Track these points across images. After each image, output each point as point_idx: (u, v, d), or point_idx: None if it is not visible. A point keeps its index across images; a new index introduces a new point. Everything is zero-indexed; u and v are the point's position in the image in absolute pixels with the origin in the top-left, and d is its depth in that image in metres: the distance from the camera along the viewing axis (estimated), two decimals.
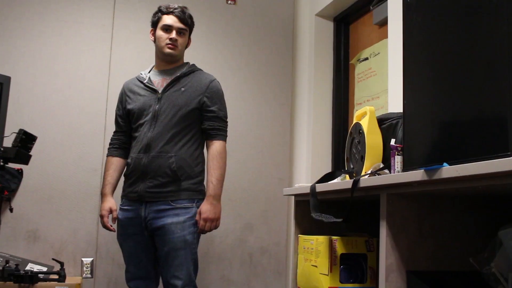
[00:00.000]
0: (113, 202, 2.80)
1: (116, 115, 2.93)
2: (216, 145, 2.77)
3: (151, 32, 2.87)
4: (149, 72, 2.88)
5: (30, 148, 2.72)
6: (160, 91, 2.77)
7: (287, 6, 4.09)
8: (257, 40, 3.98)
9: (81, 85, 3.56)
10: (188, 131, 2.75)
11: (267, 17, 4.02)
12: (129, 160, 2.79)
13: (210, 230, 2.70)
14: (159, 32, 2.80)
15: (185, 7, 2.86)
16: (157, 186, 2.68)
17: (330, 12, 3.90)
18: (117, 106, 2.94)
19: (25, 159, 2.71)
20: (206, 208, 2.67)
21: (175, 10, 2.80)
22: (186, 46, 2.91)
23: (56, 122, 3.48)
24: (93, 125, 3.53)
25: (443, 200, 1.76)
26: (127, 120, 2.86)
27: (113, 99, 3.31)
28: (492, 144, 1.32)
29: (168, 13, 2.80)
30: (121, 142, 2.89)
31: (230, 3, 3.95)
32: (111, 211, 2.78)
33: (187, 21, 2.82)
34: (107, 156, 2.91)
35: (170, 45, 2.77)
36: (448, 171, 1.35)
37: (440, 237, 1.74)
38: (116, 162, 2.87)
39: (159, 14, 2.83)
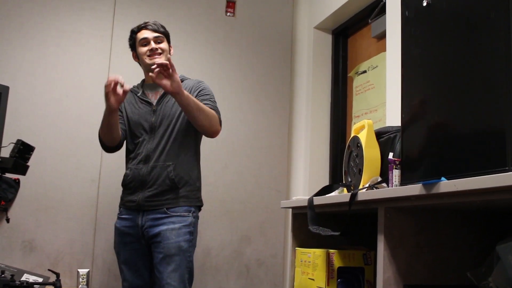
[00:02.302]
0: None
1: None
2: (213, 112, 2.77)
3: (133, 55, 2.98)
4: (142, 87, 2.95)
5: (28, 159, 2.72)
6: (154, 104, 2.84)
7: (285, 19, 4.10)
8: (256, 52, 3.99)
9: (79, 95, 3.56)
10: (184, 139, 2.80)
11: (265, 29, 4.03)
12: (127, 171, 2.82)
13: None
14: (139, 50, 2.88)
15: (155, 20, 2.94)
16: (155, 195, 2.72)
17: (328, 25, 3.91)
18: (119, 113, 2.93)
19: (23, 170, 2.71)
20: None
21: (146, 24, 2.89)
22: (170, 53, 2.95)
23: (54, 132, 3.47)
24: (91, 136, 3.51)
25: (441, 214, 1.75)
26: (125, 123, 2.89)
27: None
28: (490, 159, 1.32)
29: (139, 30, 2.89)
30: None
31: (229, 15, 3.96)
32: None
33: (159, 29, 2.88)
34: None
35: (151, 56, 2.83)
36: (446, 185, 1.36)
37: (438, 251, 1.74)
38: None
39: (133, 35, 2.92)
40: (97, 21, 3.66)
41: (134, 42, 2.92)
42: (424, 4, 1.64)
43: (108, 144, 2.84)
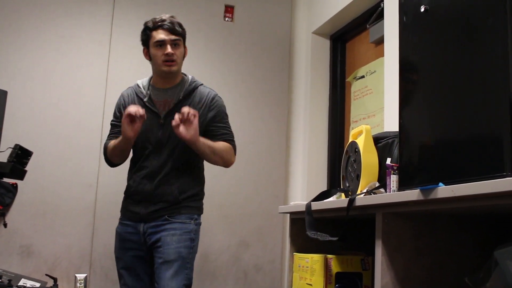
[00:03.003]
0: None
1: (112, 124, 2.82)
2: (225, 143, 2.73)
3: (144, 51, 2.76)
4: (148, 89, 2.76)
5: (26, 164, 2.72)
6: (162, 116, 2.67)
7: (284, 24, 4.11)
8: (254, 57, 3.99)
9: (77, 100, 3.56)
10: (190, 157, 2.70)
11: (264, 34, 4.04)
12: (131, 182, 2.74)
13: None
14: (153, 50, 2.67)
15: (172, 16, 2.72)
16: (158, 210, 2.67)
17: (326, 30, 3.92)
18: (115, 117, 2.82)
19: (20, 175, 2.71)
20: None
21: (163, 23, 2.64)
22: (184, 56, 2.77)
23: (52, 137, 3.47)
24: (89, 141, 3.52)
25: (439, 219, 1.75)
26: None
27: (110, 114, 3.30)
28: (488, 164, 1.32)
29: (156, 28, 2.65)
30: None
31: (227, 20, 3.97)
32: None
33: (178, 31, 2.66)
34: (108, 144, 2.75)
35: (167, 63, 2.64)
36: (443, 191, 1.36)
37: (436, 256, 1.74)
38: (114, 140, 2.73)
39: (147, 31, 2.69)
40: (95, 26, 3.67)
41: (147, 39, 2.70)
42: (422, 10, 1.64)
43: (116, 163, 2.79)
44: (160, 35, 2.64)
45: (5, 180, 2.85)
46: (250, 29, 4.01)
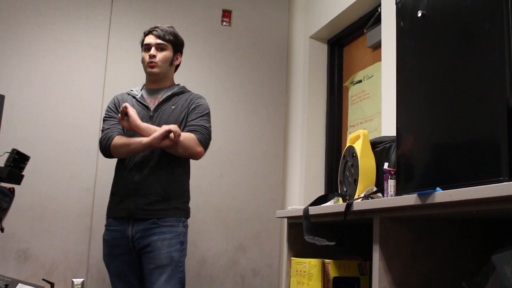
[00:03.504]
0: None
1: (107, 116, 2.87)
2: (190, 134, 2.74)
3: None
4: (141, 90, 2.92)
5: (23, 168, 2.71)
6: (152, 109, 2.80)
7: (281, 28, 4.11)
8: (252, 61, 4.00)
9: (75, 104, 3.56)
10: None
11: (261, 39, 4.04)
12: (118, 178, 2.80)
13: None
14: (142, 54, 2.88)
15: (170, 26, 2.92)
16: (148, 204, 2.69)
17: (324, 35, 3.92)
18: (108, 112, 2.88)
19: (18, 179, 2.70)
20: None
21: (155, 29, 2.86)
22: (177, 64, 2.96)
23: (49, 141, 3.47)
24: (86, 145, 3.52)
25: (436, 224, 1.76)
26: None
27: None
28: (485, 169, 1.32)
29: (148, 33, 2.88)
30: (117, 129, 2.79)
31: (225, 25, 3.98)
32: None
33: (165, 37, 2.85)
34: (112, 139, 2.74)
35: (150, 64, 2.83)
36: (441, 195, 1.36)
37: (433, 261, 1.74)
38: (123, 136, 2.77)
39: (143, 36, 2.92)
40: (93, 30, 3.67)
41: (141, 45, 2.92)
42: (419, 15, 1.65)
43: (116, 157, 2.81)
44: (148, 39, 2.86)
45: (2, 184, 2.85)
46: (247, 33, 4.01)
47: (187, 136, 2.71)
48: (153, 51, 2.82)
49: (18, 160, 2.67)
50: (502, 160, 1.27)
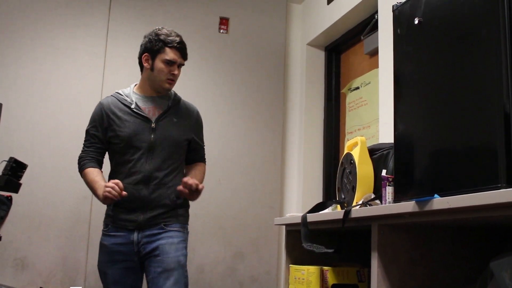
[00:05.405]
0: None
1: (91, 133, 2.75)
2: (203, 166, 2.90)
3: (144, 57, 2.73)
4: (132, 95, 2.77)
5: (21, 177, 2.71)
6: (153, 121, 2.70)
7: (279, 35, 4.12)
8: (249, 68, 4.00)
9: (72, 111, 3.56)
10: (177, 160, 2.76)
11: (259, 46, 4.05)
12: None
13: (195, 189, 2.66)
14: (160, 65, 2.68)
15: (181, 37, 2.76)
16: (156, 216, 2.65)
17: (321, 42, 3.93)
18: (94, 126, 2.75)
19: (15, 188, 2.70)
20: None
21: (178, 45, 2.70)
22: None
23: (46, 149, 3.47)
24: None
25: (435, 231, 1.76)
26: (105, 142, 2.73)
27: None
28: (483, 176, 1.32)
29: (171, 46, 2.68)
30: (94, 158, 2.74)
31: (222, 32, 3.98)
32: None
33: (187, 56, 2.77)
34: (86, 168, 2.70)
35: (170, 81, 2.71)
36: (438, 202, 1.36)
37: (431, 268, 1.74)
38: (99, 172, 2.71)
39: (161, 44, 2.69)
40: (91, 38, 3.67)
41: (157, 51, 2.68)
42: (416, 22, 1.65)
43: None
44: (174, 55, 2.69)
45: (0, 193, 2.85)
46: (245, 40, 4.02)
47: (203, 170, 2.87)
48: (176, 70, 2.71)
49: (15, 168, 2.67)
50: (500, 167, 1.27)
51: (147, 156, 2.67)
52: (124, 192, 2.53)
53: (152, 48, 2.70)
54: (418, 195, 1.50)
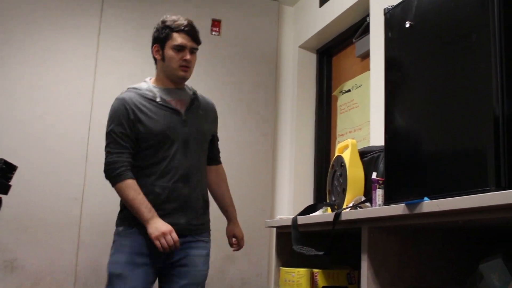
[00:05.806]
0: None
1: (118, 133, 2.40)
2: (223, 168, 2.81)
3: (155, 48, 2.53)
4: (154, 89, 2.53)
5: (10, 178, 2.69)
6: (183, 113, 2.50)
7: (271, 38, 4.12)
8: (241, 71, 4.00)
9: (63, 113, 3.53)
10: (206, 155, 2.62)
11: (250, 48, 4.05)
12: (157, 190, 2.39)
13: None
14: (170, 52, 2.48)
15: (191, 21, 2.58)
16: (195, 218, 2.47)
17: (313, 44, 3.94)
18: (119, 125, 2.41)
19: (5, 189, 2.67)
20: (239, 230, 2.80)
21: (186, 28, 2.49)
22: None
23: (36, 151, 3.44)
24: (74, 154, 3.49)
25: (424, 233, 1.76)
26: (134, 141, 2.42)
27: (96, 128, 3.31)
28: (472, 179, 1.33)
29: (179, 31, 2.48)
30: (130, 163, 2.40)
31: (214, 34, 3.98)
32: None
33: (199, 39, 2.57)
34: (126, 179, 2.35)
35: (184, 68, 2.51)
36: (428, 205, 1.36)
37: (421, 270, 1.74)
38: (137, 185, 2.38)
39: (167, 30, 2.48)
40: (82, 39, 3.65)
41: (165, 38, 2.49)
42: (407, 25, 1.66)
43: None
44: (182, 39, 2.48)
45: None
46: (237, 43, 4.02)
47: (224, 175, 2.82)
48: (188, 55, 2.49)
49: (5, 170, 2.65)
50: (489, 170, 1.27)
51: (183, 151, 2.45)
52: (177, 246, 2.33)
53: (159, 36, 2.51)
54: (408, 197, 1.50)
